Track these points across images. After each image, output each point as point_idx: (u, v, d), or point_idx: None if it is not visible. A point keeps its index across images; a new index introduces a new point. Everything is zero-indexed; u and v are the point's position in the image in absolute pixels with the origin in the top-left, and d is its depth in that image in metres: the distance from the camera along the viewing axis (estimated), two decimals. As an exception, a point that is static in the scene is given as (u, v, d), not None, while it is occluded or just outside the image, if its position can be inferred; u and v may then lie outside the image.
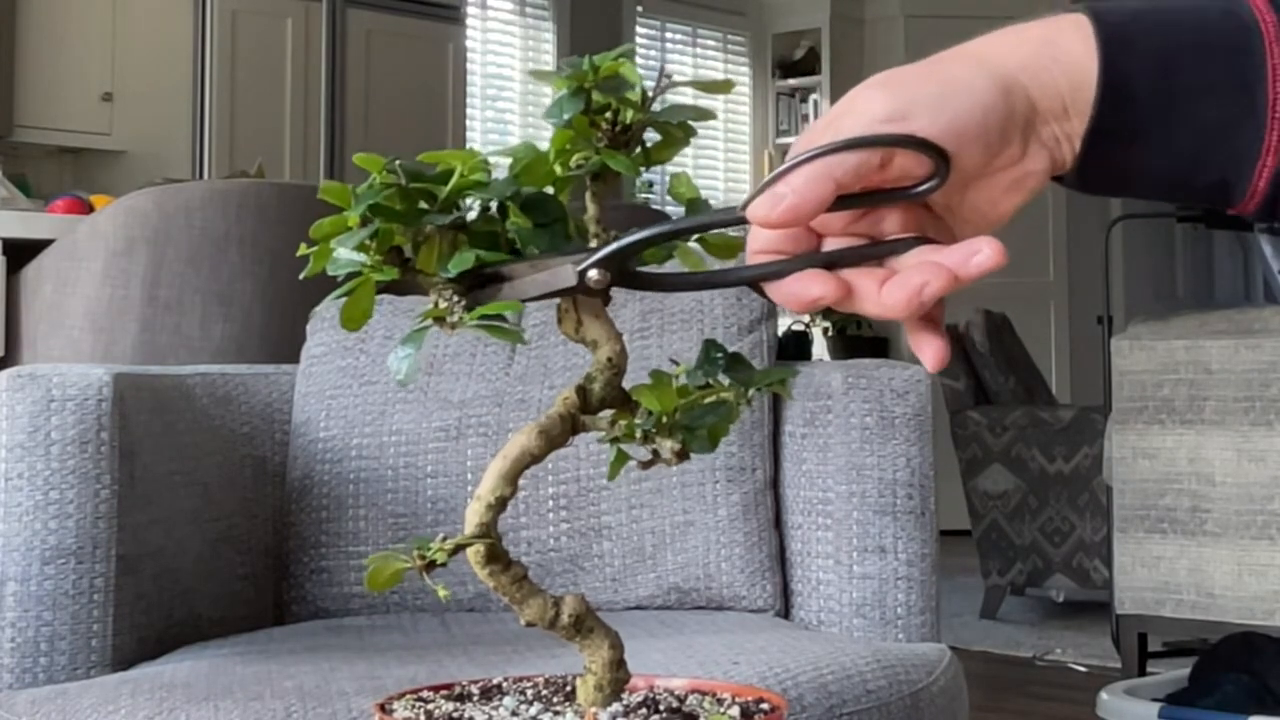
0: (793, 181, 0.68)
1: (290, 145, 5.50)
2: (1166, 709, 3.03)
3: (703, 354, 0.77)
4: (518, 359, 1.88)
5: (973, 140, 0.68)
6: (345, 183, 0.73)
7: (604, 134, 0.74)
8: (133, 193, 2.84)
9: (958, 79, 0.69)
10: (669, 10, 7.60)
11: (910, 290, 0.67)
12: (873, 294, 0.69)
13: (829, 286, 0.69)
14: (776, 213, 0.68)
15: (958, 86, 0.69)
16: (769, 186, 0.68)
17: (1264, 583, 3.25)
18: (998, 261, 0.67)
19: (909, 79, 0.70)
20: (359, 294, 0.73)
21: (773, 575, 1.77)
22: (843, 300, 0.69)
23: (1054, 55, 0.69)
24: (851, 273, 0.70)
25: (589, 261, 0.71)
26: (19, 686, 1.51)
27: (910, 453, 1.72)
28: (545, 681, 0.86)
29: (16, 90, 4.93)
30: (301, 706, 1.26)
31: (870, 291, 0.69)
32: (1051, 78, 0.69)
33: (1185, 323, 3.43)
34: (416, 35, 5.86)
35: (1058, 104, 0.69)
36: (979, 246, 0.67)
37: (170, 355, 2.71)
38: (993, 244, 0.67)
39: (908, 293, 0.67)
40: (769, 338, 1.88)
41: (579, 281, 0.71)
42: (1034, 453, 4.76)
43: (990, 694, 3.75)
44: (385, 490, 1.82)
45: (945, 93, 0.68)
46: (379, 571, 0.75)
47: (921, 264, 0.68)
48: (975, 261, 0.67)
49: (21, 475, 1.54)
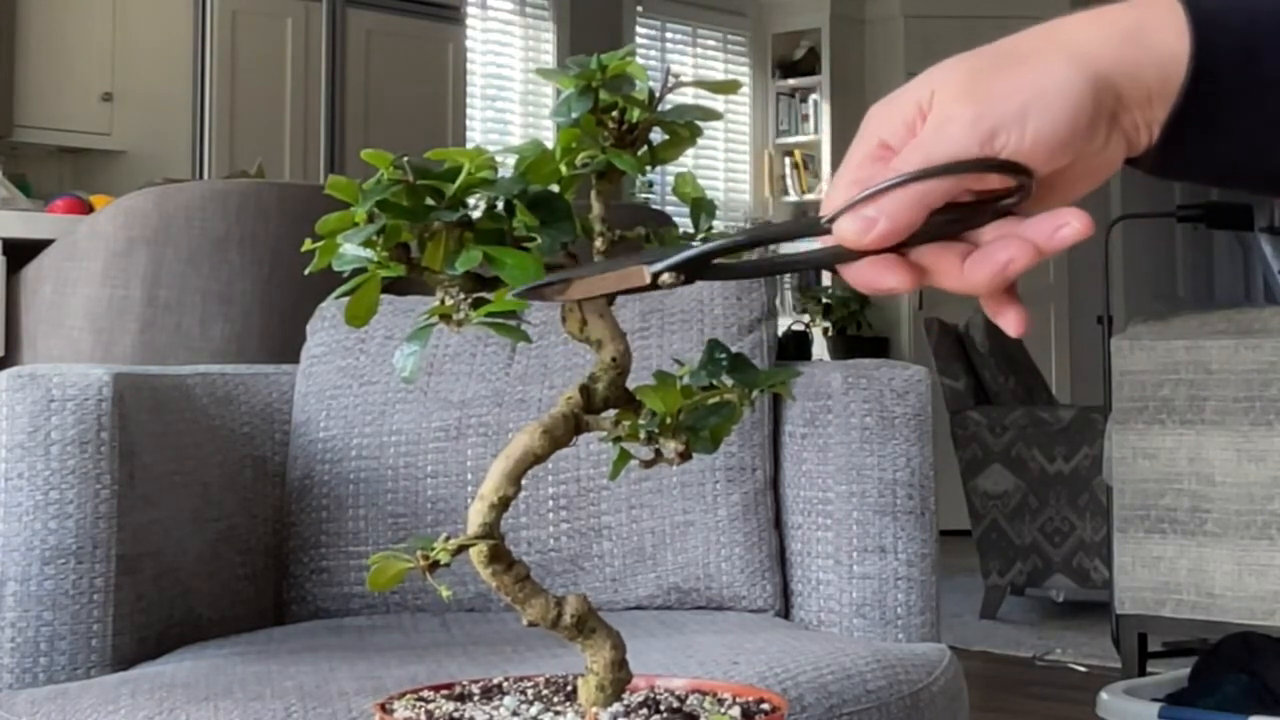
0: (885, 207, 0.66)
1: (290, 145, 5.50)
2: (1166, 709, 3.02)
3: (706, 354, 0.76)
4: (518, 359, 1.88)
5: (1060, 149, 0.67)
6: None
7: (610, 133, 0.74)
8: (133, 193, 2.84)
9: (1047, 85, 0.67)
10: (669, 10, 7.60)
11: (996, 265, 0.67)
12: (954, 271, 0.68)
13: (904, 276, 0.68)
14: (868, 239, 0.67)
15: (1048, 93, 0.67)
16: (859, 206, 0.67)
17: (1264, 583, 3.25)
18: (1085, 233, 0.66)
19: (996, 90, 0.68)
20: (364, 290, 0.73)
21: (773, 575, 1.77)
22: (918, 285, 0.68)
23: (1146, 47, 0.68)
24: (928, 250, 0.68)
25: (664, 264, 0.70)
26: (19, 686, 1.50)
27: (910, 453, 1.72)
28: (546, 681, 0.86)
29: (16, 90, 4.93)
30: (301, 706, 1.26)
31: (951, 268, 0.68)
32: (1141, 70, 0.68)
33: (1185, 323, 3.43)
34: (416, 35, 5.85)
35: (1144, 94, 0.68)
36: (1065, 219, 0.66)
37: (170, 355, 2.71)
38: (1080, 215, 0.66)
39: (993, 268, 0.67)
40: (769, 337, 1.88)
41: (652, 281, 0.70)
42: (1034, 453, 4.76)
43: (990, 694, 3.75)
44: (385, 490, 1.82)
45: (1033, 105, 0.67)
46: (381, 571, 0.75)
47: (1004, 238, 0.67)
48: (1062, 235, 0.66)
49: (21, 475, 1.54)
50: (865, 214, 0.67)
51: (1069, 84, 0.67)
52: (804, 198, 7.94)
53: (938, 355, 4.93)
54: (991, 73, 0.68)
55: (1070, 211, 0.67)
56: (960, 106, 0.68)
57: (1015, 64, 0.68)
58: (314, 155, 5.55)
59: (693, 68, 7.66)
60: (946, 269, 0.68)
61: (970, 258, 0.67)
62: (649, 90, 0.75)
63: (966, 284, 0.68)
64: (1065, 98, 0.67)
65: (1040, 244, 0.66)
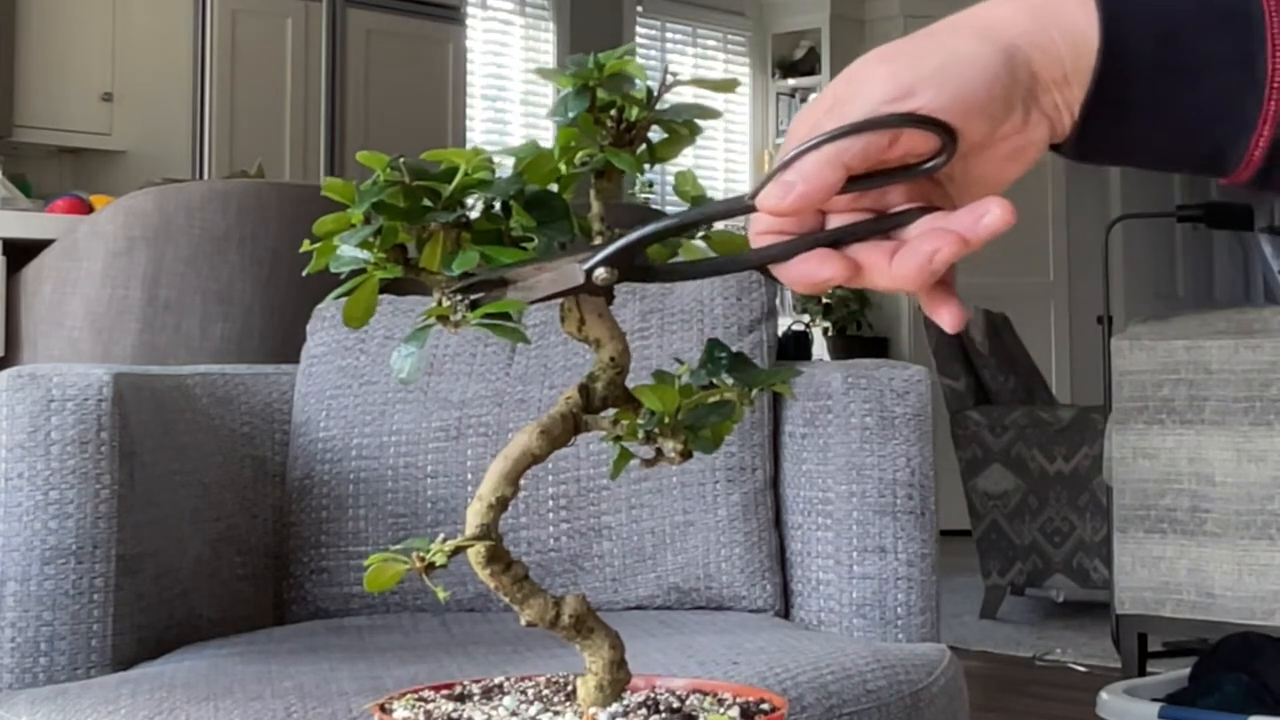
0: (802, 169, 0.67)
1: (290, 145, 5.50)
2: (1166, 709, 3.02)
3: (706, 354, 0.76)
4: (517, 359, 1.88)
5: (978, 112, 0.67)
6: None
7: (608, 132, 0.74)
8: (133, 193, 2.84)
9: (960, 51, 0.68)
10: (669, 10, 7.59)
11: (921, 259, 0.67)
12: (883, 267, 0.68)
13: (838, 267, 0.68)
14: (787, 202, 0.67)
15: (960, 58, 0.68)
16: (778, 174, 0.68)
17: (1264, 583, 3.25)
18: (1006, 221, 0.66)
19: (910, 53, 0.69)
20: (362, 291, 0.73)
21: (773, 575, 1.77)
22: (852, 278, 0.68)
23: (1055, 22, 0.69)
24: (860, 248, 0.69)
25: (595, 260, 0.70)
26: (19, 686, 1.50)
27: (910, 453, 1.72)
28: (546, 681, 0.86)
29: (16, 90, 4.93)
30: (301, 706, 1.26)
31: (880, 265, 0.68)
32: (1054, 45, 0.68)
33: (1185, 323, 3.43)
34: (416, 35, 5.85)
35: (1059, 72, 0.69)
36: (987, 208, 0.66)
37: (170, 355, 2.71)
38: (1001, 204, 0.66)
39: (919, 261, 0.67)
40: (769, 337, 1.88)
41: (586, 280, 0.70)
42: (1034, 453, 4.76)
43: (990, 694, 3.75)
44: (385, 490, 1.82)
45: (948, 66, 0.67)
46: (379, 573, 0.75)
47: (930, 231, 0.67)
48: (984, 223, 0.66)
49: (21, 475, 1.54)
50: (784, 179, 0.67)
51: (981, 51, 0.68)
52: (804, 198, 7.94)
53: (938, 355, 4.93)
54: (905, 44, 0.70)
55: (992, 200, 0.67)
56: (877, 67, 0.69)
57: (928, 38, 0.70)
58: (314, 155, 5.55)
59: (693, 68, 7.65)
60: (877, 265, 0.68)
61: (898, 253, 0.68)
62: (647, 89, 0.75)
63: (895, 279, 0.68)
64: (978, 63, 0.68)
65: (965, 234, 0.66)
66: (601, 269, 0.70)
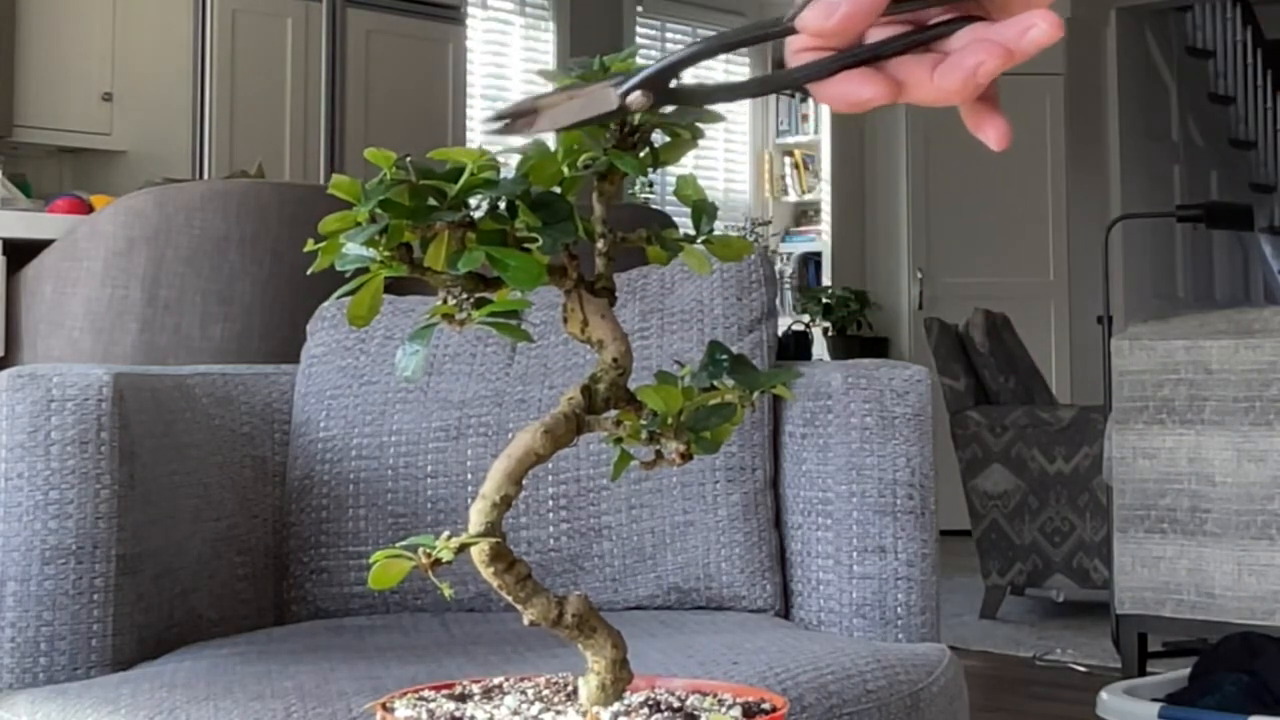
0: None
1: (290, 145, 5.50)
2: (1166, 709, 3.03)
3: (707, 356, 0.76)
4: (517, 359, 1.88)
5: None
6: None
7: (612, 134, 0.74)
8: (133, 193, 2.84)
9: None
10: (669, 10, 7.60)
11: (965, 71, 0.65)
12: (925, 82, 0.66)
13: (879, 85, 0.66)
14: (832, 22, 0.65)
15: None
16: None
17: (1264, 583, 3.25)
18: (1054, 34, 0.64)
19: None
20: (367, 290, 0.73)
21: (773, 575, 1.77)
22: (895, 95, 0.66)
23: None
24: (900, 65, 0.67)
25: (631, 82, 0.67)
26: (19, 686, 1.50)
27: (910, 453, 1.72)
28: (546, 681, 0.86)
29: (16, 90, 4.93)
30: (301, 706, 1.26)
31: (922, 80, 0.66)
32: None
33: (1185, 323, 3.43)
34: (416, 35, 5.85)
35: None
36: (1033, 20, 0.64)
37: (170, 355, 2.71)
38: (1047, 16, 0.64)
39: (962, 74, 0.65)
40: (769, 337, 1.88)
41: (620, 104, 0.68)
42: (1034, 453, 4.76)
43: (990, 694, 3.75)
44: (385, 490, 1.82)
45: None
46: (384, 570, 0.75)
47: (974, 43, 0.65)
48: (1030, 36, 0.64)
49: (21, 475, 1.54)
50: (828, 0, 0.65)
51: None
52: (804, 198, 7.94)
53: (938, 355, 4.94)
54: None
55: (1039, 13, 0.65)
56: None
57: None
58: (314, 155, 5.55)
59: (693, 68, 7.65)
60: (919, 80, 0.66)
61: (940, 65, 0.66)
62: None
63: (938, 92, 0.66)
64: None
65: (1010, 45, 0.64)
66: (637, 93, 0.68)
